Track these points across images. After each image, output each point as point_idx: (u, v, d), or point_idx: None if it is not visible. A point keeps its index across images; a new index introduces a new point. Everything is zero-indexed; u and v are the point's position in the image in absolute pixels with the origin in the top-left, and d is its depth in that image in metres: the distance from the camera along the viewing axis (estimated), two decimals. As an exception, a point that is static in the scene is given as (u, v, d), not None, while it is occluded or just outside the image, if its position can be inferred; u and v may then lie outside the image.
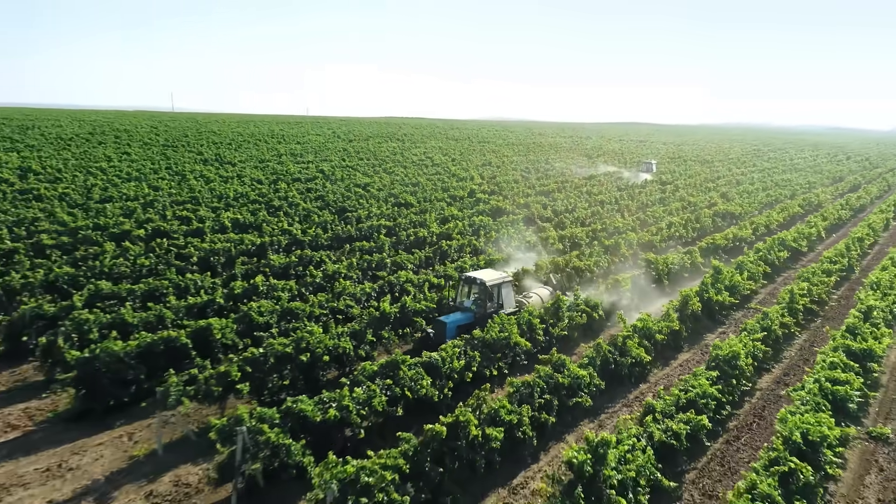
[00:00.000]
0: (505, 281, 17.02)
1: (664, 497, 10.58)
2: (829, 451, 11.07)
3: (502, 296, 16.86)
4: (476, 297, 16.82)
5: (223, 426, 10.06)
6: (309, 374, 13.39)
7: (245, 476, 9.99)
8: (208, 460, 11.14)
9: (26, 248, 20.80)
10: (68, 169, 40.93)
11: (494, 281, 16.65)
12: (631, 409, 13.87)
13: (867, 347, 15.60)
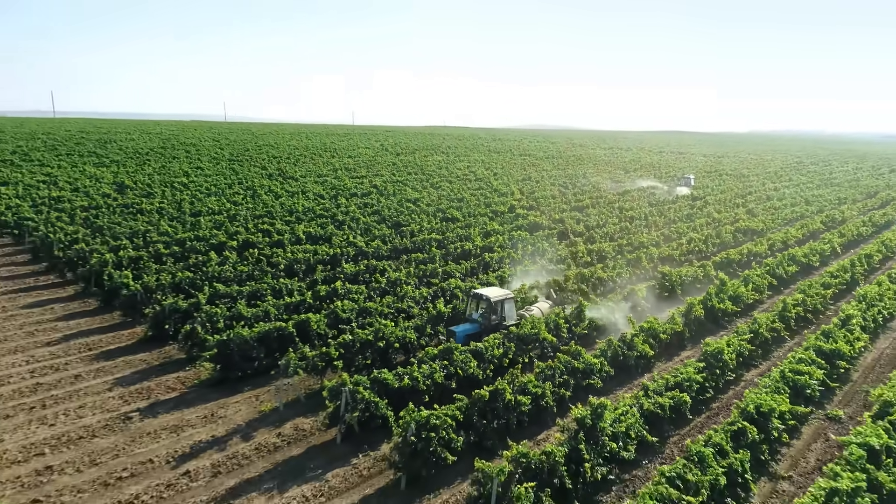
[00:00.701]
0: (507, 297, 19.90)
1: (649, 450, 14.31)
2: (778, 420, 14.61)
3: (505, 310, 19.68)
4: (483, 310, 19.58)
5: (332, 387, 14.31)
6: (384, 357, 17.59)
7: (346, 423, 14.20)
8: (315, 415, 15.42)
9: (148, 255, 25.73)
10: (156, 184, 46.49)
11: (498, 297, 19.56)
12: (633, 391, 17.58)
13: (836, 348, 18.91)
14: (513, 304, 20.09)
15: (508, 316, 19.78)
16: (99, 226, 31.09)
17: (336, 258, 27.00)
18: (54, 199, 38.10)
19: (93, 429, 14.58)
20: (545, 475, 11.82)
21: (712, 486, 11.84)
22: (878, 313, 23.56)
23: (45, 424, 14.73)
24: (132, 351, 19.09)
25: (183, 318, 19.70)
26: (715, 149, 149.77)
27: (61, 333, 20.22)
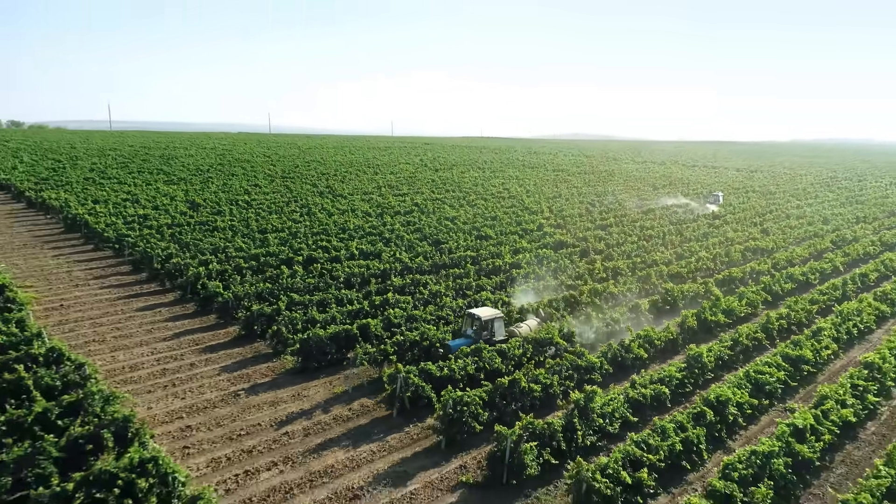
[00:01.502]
0: (497, 317, 22.94)
1: (632, 427, 18.55)
2: (734, 408, 18.71)
3: (494, 327, 22.77)
4: (475, 327, 22.69)
5: (390, 374, 19.05)
6: (427, 353, 22.26)
7: (400, 401, 18.89)
8: (375, 396, 20.14)
9: (231, 269, 31.04)
10: (223, 202, 52.37)
11: (489, 316, 22.65)
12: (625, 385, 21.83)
13: (801, 354, 22.79)
14: (502, 323, 23.19)
15: (497, 332, 22.89)
16: (185, 242, 36.67)
17: (386, 272, 31.85)
18: (141, 217, 44.03)
19: (213, 401, 19.62)
20: (546, 438, 16.28)
21: (670, 450, 16.10)
22: (853, 326, 27.19)
23: (177, 398, 19.84)
24: (229, 346, 24.22)
25: (268, 321, 24.76)
26: (751, 161, 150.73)
27: (172, 332, 25.51)
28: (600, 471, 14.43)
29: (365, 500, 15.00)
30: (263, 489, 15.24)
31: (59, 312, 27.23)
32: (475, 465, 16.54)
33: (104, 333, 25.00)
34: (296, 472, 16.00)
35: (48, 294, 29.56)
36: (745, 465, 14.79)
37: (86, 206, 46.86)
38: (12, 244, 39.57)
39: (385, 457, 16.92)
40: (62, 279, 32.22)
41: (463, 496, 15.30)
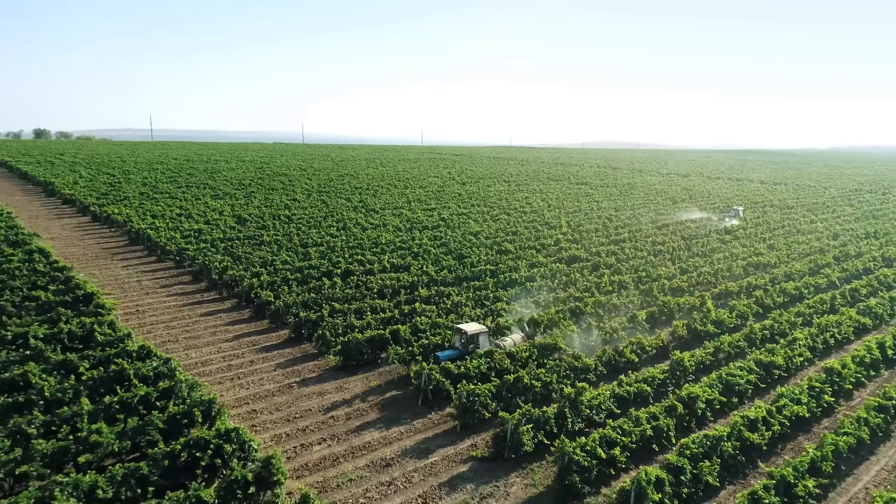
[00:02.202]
0: (482, 332, 25.73)
1: (616, 418, 22.28)
2: (703, 403, 22.31)
3: (479, 341, 25.63)
4: (462, 341, 25.68)
5: (416, 371, 23.17)
6: (448, 355, 26.32)
7: (423, 393, 22.98)
8: (405, 389, 24.24)
9: (280, 280, 35.56)
10: (266, 217, 57.30)
11: (474, 331, 25.54)
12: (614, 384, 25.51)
13: (772, 360, 26.22)
14: (486, 337, 26.03)
15: (482, 345, 25.75)
16: (237, 255, 41.43)
17: (414, 284, 36.01)
18: (196, 231, 49.09)
19: (271, 391, 23.98)
20: (541, 423, 20.18)
21: (641, 434, 19.84)
22: (830, 337, 30.41)
23: (242, 388, 24.25)
24: (281, 347, 28.62)
25: (313, 326, 29.09)
26: (778, 173, 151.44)
27: (232, 334, 30.04)
28: (580, 447, 18.27)
29: (394, 467, 19.08)
30: (316, 458, 19.45)
31: (136, 317, 32.03)
32: (483, 443, 20.51)
33: (176, 335, 29.66)
34: (340, 446, 20.19)
35: (124, 300, 34.43)
36: (698, 445, 18.48)
37: (146, 221, 52.17)
38: (86, 255, 44.85)
39: (411, 436, 21.00)
40: (134, 287, 37.17)
41: (472, 467, 19.27)
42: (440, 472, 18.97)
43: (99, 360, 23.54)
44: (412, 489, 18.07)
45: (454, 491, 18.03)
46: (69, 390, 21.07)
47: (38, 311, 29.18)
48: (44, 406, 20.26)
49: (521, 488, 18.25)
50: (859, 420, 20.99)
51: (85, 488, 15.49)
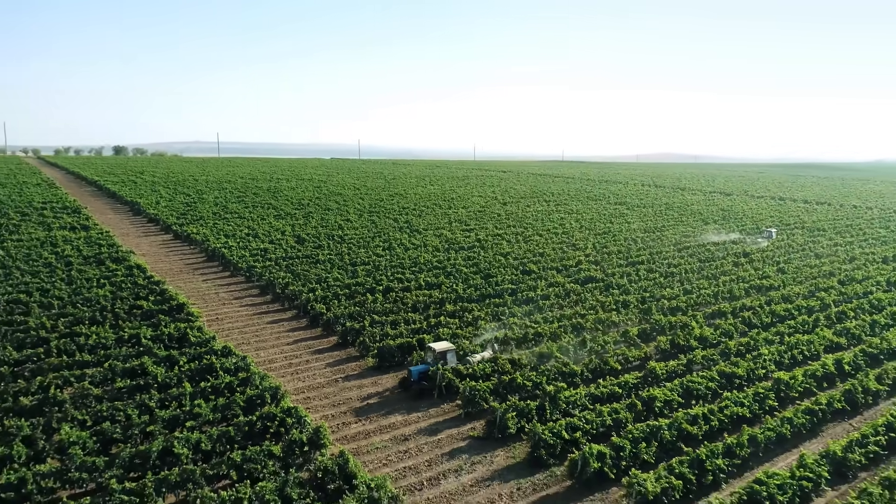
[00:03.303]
0: (450, 350, 29.98)
1: (589, 412, 27.96)
2: (660, 402, 27.71)
3: (447, 358, 29.82)
4: (432, 357, 30.06)
5: (433, 370, 29.55)
6: (462, 360, 32.55)
7: (438, 388, 29.30)
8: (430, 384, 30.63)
9: (332, 295, 42.61)
10: (322, 237, 64.95)
11: (442, 349, 29.77)
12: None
13: (734, 371, 31.26)
14: (454, 354, 30.24)
15: (450, 362, 29.98)
16: (297, 272, 48.85)
17: (442, 300, 42.42)
18: (262, 250, 57.03)
19: (321, 384, 30.77)
20: (524, 413, 26.14)
21: (602, 423, 25.53)
22: (798, 353, 35.03)
23: (300, 381, 31.12)
24: (330, 350, 35.48)
25: (356, 334, 35.84)
26: (827, 191, 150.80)
27: (292, 339, 37.13)
28: (549, 430, 24.17)
29: (410, 441, 25.45)
30: (353, 432, 26.02)
31: (216, 323, 39.59)
32: (480, 427, 26.61)
33: (248, 339, 36.97)
34: (371, 424, 26.72)
35: (206, 309, 42.14)
36: (640, 431, 24.09)
37: (220, 240, 60.57)
38: (172, 270, 53.29)
39: (426, 420, 27.32)
40: (213, 299, 44.98)
41: (469, 443, 25.42)
42: (444, 445, 25.21)
43: (193, 356, 30.93)
44: (421, 456, 24.38)
45: (453, 459, 24.23)
46: (174, 377, 28.42)
47: (143, 317, 37.06)
48: (157, 388, 27.63)
49: (503, 458, 24.29)
50: (784, 419, 26.04)
51: (193, 442, 22.49)
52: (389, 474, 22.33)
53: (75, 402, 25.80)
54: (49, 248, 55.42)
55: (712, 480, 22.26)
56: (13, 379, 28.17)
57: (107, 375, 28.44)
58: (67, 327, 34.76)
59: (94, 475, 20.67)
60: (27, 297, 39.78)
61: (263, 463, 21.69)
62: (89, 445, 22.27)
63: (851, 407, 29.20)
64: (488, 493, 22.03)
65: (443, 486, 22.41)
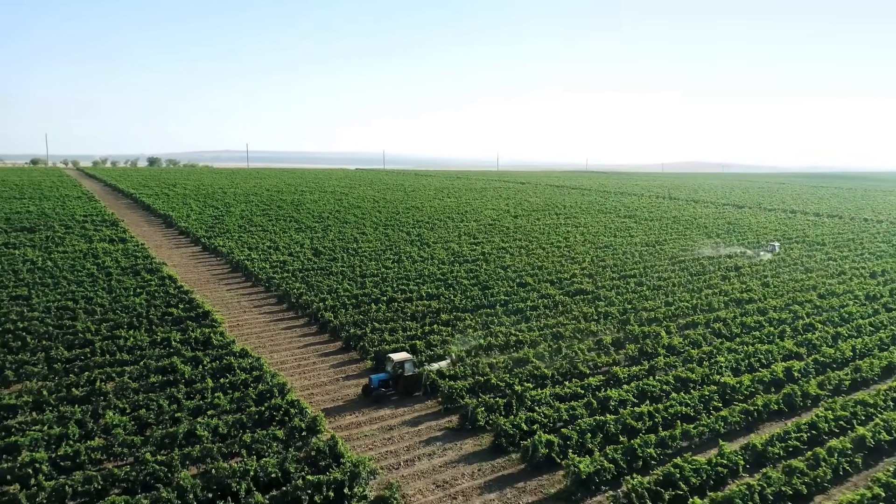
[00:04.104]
0: (407, 360, 33.07)
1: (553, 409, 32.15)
2: (614, 402, 31.75)
3: (405, 367, 32.89)
4: (391, 367, 33.26)
5: (419, 371, 34.07)
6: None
7: (424, 387, 33.79)
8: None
9: (340, 304, 47.41)
10: (337, 249, 70.00)
11: (400, 359, 32.96)
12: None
13: (689, 376, 35.10)
14: (411, 364, 33.29)
15: (407, 371, 33.05)
16: (311, 283, 53.83)
17: (439, 310, 46.92)
18: (281, 262, 62.26)
19: (325, 382, 35.46)
20: (493, 408, 30.45)
21: (559, 417, 29.70)
22: (755, 360, 38.66)
23: (306, 379, 35.84)
24: (335, 353, 40.21)
25: (358, 339, 40.51)
26: (844, 203, 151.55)
27: (303, 343, 41.97)
28: (510, 423, 28.45)
29: (394, 430, 29.94)
30: (346, 423, 30.62)
31: (237, 329, 44.66)
32: (456, 419, 31.00)
33: (264, 343, 41.93)
34: (363, 416, 31.30)
35: (229, 316, 47.28)
36: (587, 424, 28.22)
37: (243, 253, 66.03)
38: (199, 280, 58.76)
39: (411, 413, 31.80)
40: (235, 307, 50.17)
41: (444, 433, 29.81)
42: (423, 434, 29.67)
43: (215, 356, 35.94)
44: (402, 443, 28.87)
45: (428, 445, 28.66)
46: (198, 374, 33.42)
47: (174, 323, 42.29)
48: (184, 383, 32.62)
49: (471, 446, 28.64)
50: (719, 417, 29.91)
51: (212, 426, 27.33)
52: (373, 456, 26.88)
53: (117, 393, 30.90)
54: (91, 259, 61.42)
55: (642, 465, 26.29)
56: (65, 374, 33.49)
57: (142, 372, 33.56)
58: (109, 331, 40.12)
59: (132, 450, 25.62)
60: (74, 304, 45.39)
61: (268, 444, 26.42)
62: (128, 427, 27.26)
63: (789, 409, 32.88)
64: (453, 472, 26.41)
65: (416, 466, 26.87)
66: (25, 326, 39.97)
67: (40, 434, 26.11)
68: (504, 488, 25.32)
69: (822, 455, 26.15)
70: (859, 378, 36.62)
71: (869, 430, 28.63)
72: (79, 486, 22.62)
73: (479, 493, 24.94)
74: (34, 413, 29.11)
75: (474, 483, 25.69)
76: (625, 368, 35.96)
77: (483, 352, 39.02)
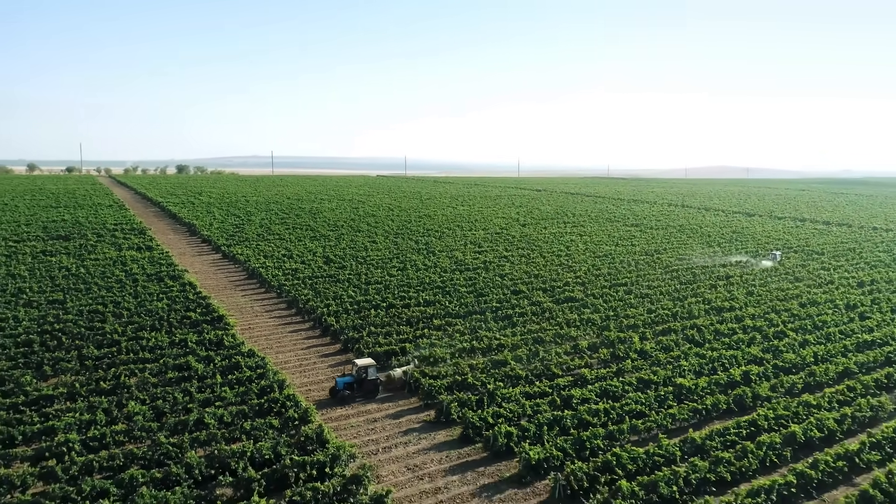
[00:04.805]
0: (370, 365, 35.86)
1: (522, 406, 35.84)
2: (576, 399, 35.34)
3: (368, 372, 35.73)
4: (355, 371, 36.15)
5: (405, 370, 38.05)
6: (434, 364, 40.92)
7: (409, 385, 37.77)
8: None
9: (343, 310, 51.65)
10: (347, 258, 74.41)
11: (363, 365, 35.85)
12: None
13: (651, 378, 38.48)
14: (374, 369, 36.17)
15: (370, 375, 36.01)
16: (318, 290, 58.23)
17: (432, 316, 50.86)
18: (293, 270, 66.82)
19: (321, 380, 39.58)
20: (466, 404, 34.28)
21: (523, 412, 33.39)
22: (718, 365, 41.80)
23: (305, 377, 40.04)
24: (335, 354, 44.40)
25: (356, 341, 44.63)
26: (860, 212, 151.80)
27: (305, 345, 46.26)
28: (477, 416, 32.24)
29: (378, 422, 33.94)
30: (336, 415, 34.69)
31: (248, 331, 49.16)
32: (434, 414, 34.88)
33: (271, 344, 46.32)
34: (351, 409, 35.35)
35: (241, 320, 51.83)
36: (546, 418, 31.87)
37: (259, 261, 70.81)
38: (218, 286, 63.58)
39: (394, 408, 35.76)
40: (248, 311, 54.77)
41: (422, 426, 33.70)
42: (402, 426, 33.61)
43: (225, 356, 40.38)
44: (383, 432, 32.86)
45: (406, 435, 32.60)
46: (210, 371, 37.86)
47: (191, 326, 46.94)
48: (197, 378, 37.08)
49: (443, 436, 32.50)
50: (668, 414, 33.30)
51: (218, 416, 31.65)
52: (356, 443, 30.93)
53: (138, 386, 35.46)
54: (120, 266, 66.72)
55: (589, 454, 29.86)
56: (95, 370, 38.20)
57: (161, 369, 38.11)
58: (134, 332, 44.88)
59: (149, 434, 30.04)
60: (104, 307, 50.37)
61: (265, 431, 30.64)
62: (147, 415, 31.73)
63: (739, 408, 36.11)
64: (424, 458, 30.30)
65: (392, 452, 30.83)
66: (61, 327, 44.96)
67: (73, 419, 30.68)
68: (466, 472, 29.14)
69: (750, 448, 29.44)
70: (812, 382, 39.60)
71: (801, 428, 31.81)
72: (104, 461, 27.05)
73: (443, 476, 28.78)
74: (68, 402, 33.75)
75: (441, 467, 29.55)
76: (593, 370, 39.48)
77: (466, 354, 42.85)
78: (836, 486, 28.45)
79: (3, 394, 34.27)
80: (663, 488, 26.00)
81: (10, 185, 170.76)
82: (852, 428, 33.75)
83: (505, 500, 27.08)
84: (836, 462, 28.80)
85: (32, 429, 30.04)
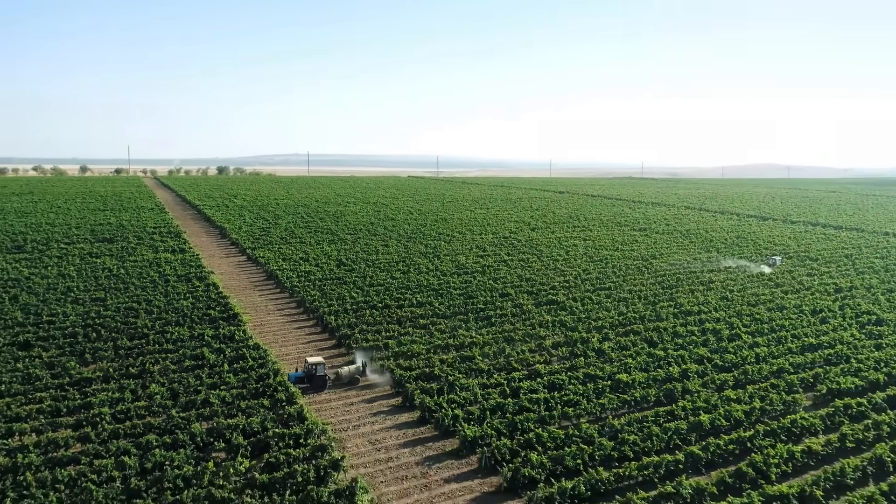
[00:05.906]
0: (319, 363, 41.18)
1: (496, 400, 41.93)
2: (524, 389, 41.20)
3: (317, 369, 40.95)
4: (307, 367, 41.67)
5: (390, 367, 44.63)
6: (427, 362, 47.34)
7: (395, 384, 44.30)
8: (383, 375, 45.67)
9: (345, 310, 58.47)
10: (357, 261, 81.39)
11: (314, 362, 41.20)
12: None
13: (597, 373, 44.05)
14: (323, 366, 41.39)
15: (319, 372, 41.08)
16: (325, 291, 65.24)
17: (419, 316, 57.24)
18: (306, 272, 74.12)
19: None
20: (427, 392, 40.56)
21: (475, 400, 39.48)
22: (664, 362, 46.98)
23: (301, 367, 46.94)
24: (330, 349, 51.19)
25: (349, 338, 51.30)
26: (876, 217, 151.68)
27: (307, 340, 53.21)
28: (434, 402, 38.47)
29: (354, 405, 40.52)
30: (321, 399, 41.37)
31: (260, 328, 56.43)
32: (402, 399, 41.23)
33: (277, 339, 53.45)
34: (335, 395, 42.02)
35: (255, 317, 59.19)
36: (490, 405, 37.90)
37: (277, 264, 78.37)
38: (239, 286, 71.27)
39: (371, 394, 42.27)
40: (262, 310, 62.14)
41: (390, 409, 40.14)
42: (374, 409, 40.11)
43: (234, 348, 47.61)
44: (356, 413, 39.44)
45: (375, 416, 39.09)
46: (220, 360, 45.09)
47: (210, 322, 54.44)
48: (209, 366, 44.32)
49: (406, 418, 38.84)
50: (600, 404, 38.91)
51: (221, 396, 38.69)
52: (332, 421, 37.58)
53: (160, 372, 42.90)
54: (155, 267, 75.13)
55: (519, 433, 35.80)
56: (126, 358, 45.86)
57: (180, 358, 45.52)
58: (161, 327, 52.60)
59: (165, 410, 37.29)
60: (138, 305, 58.38)
61: (257, 409, 37.55)
62: (165, 395, 39.05)
63: (669, 401, 41.39)
64: (385, 434, 36.77)
65: (360, 430, 37.39)
66: (101, 322, 53.02)
67: (106, 397, 38.22)
68: (416, 446, 35.49)
69: (655, 432, 34.97)
70: (744, 379, 44.51)
71: (710, 417, 37.09)
72: (128, 429, 34.36)
73: (396, 448, 35.20)
74: (103, 384, 41.37)
75: (397, 442, 35.97)
76: (549, 366, 45.25)
77: (441, 350, 49.15)
78: (725, 465, 33.67)
79: (53, 376, 42.18)
80: (569, 461, 31.85)
81: (65, 187, 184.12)
82: (761, 419, 38.75)
83: (442, 468, 33.32)
84: (728, 446, 34.09)
85: (74, 403, 37.66)
